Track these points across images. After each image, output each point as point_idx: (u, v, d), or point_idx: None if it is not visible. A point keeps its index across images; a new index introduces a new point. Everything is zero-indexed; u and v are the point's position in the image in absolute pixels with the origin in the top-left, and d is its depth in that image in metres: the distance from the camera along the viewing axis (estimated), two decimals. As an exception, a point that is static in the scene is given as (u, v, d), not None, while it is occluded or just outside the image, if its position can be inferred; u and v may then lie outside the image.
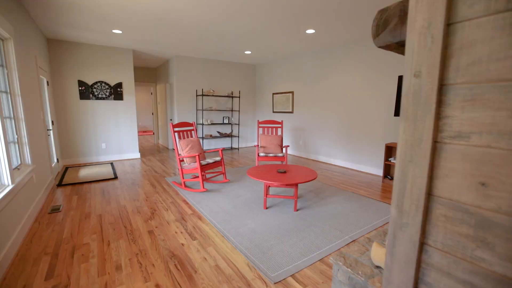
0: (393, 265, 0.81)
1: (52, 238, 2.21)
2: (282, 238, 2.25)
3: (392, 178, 3.97)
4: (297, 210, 2.87)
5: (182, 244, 2.14)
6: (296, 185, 2.76)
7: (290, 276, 1.76)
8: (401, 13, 0.87)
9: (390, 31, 0.92)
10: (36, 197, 2.85)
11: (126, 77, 5.49)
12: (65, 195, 3.33)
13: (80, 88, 5.05)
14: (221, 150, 3.88)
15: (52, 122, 4.43)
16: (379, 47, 0.98)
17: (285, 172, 3.04)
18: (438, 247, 0.70)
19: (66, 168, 4.73)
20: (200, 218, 2.67)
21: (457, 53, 0.63)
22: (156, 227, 2.44)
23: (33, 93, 3.19)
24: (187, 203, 3.07)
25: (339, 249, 2.10)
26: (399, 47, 0.99)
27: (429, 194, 0.71)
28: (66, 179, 4.04)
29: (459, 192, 0.64)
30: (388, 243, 0.83)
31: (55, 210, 2.81)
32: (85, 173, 4.41)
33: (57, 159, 4.53)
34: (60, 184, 3.75)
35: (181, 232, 2.35)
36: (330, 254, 2.02)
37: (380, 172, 4.42)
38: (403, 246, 0.77)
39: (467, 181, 0.63)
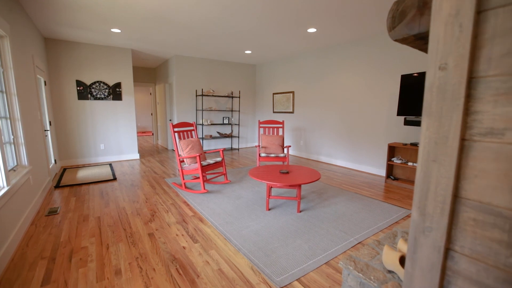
0: (415, 272, 0.75)
1: (49, 242, 2.15)
2: (286, 241, 2.20)
3: (395, 179, 3.93)
4: (300, 212, 2.81)
5: (184, 247, 2.08)
6: (299, 186, 2.71)
7: (296, 280, 1.71)
8: (420, 3, 0.82)
9: (407, 23, 0.87)
10: (33, 199, 2.78)
11: (125, 77, 5.42)
12: (63, 196, 3.26)
13: (78, 88, 4.98)
14: (222, 151, 3.83)
15: (50, 122, 4.36)
16: (395, 40, 0.93)
17: (287, 172, 2.99)
18: (465, 253, 0.65)
19: (64, 169, 4.65)
20: (201, 220, 2.61)
21: (489, 42, 0.58)
22: (156, 230, 2.38)
23: (29, 93, 3.12)
24: (187, 205, 3.01)
25: (345, 251, 2.05)
26: (416, 40, 0.94)
27: (456, 196, 0.66)
28: (64, 180, 3.97)
29: (490, 194, 0.59)
30: (409, 248, 0.78)
31: (53, 212, 2.74)
32: (83, 174, 4.34)
33: (55, 160, 4.46)
34: (57, 186, 3.68)
35: (182, 235, 2.29)
36: (336, 256, 1.97)
37: (382, 172, 4.38)
38: (426, 252, 0.72)
39: (500, 182, 0.58)
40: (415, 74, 3.56)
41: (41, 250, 2.02)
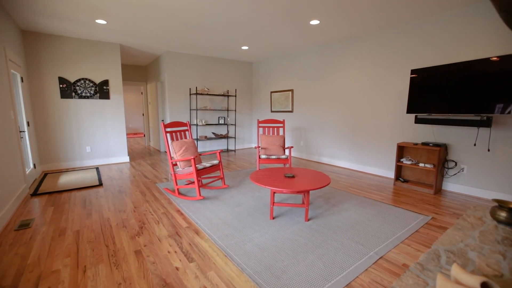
0: None
1: (13, 264, 1.78)
2: (296, 257, 1.89)
3: (404, 181, 3.67)
4: (308, 220, 2.52)
5: (177, 268, 1.75)
6: (307, 192, 2.41)
7: (314, 310, 1.40)
8: None
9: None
10: (1, 210, 2.40)
11: (113, 74, 5.05)
12: (40, 206, 2.88)
13: (61, 85, 4.58)
14: (219, 153, 3.51)
15: (28, 123, 3.96)
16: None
17: (293, 176, 2.69)
18: None
19: (45, 175, 4.25)
20: (197, 232, 2.28)
21: None
22: (144, 246, 2.04)
23: (-1, 89, 2.74)
24: (181, 214, 2.68)
25: (366, 269, 1.76)
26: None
27: None
28: (43, 187, 3.58)
29: None
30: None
31: (24, 226, 2.37)
32: (66, 179, 3.95)
33: (34, 165, 4.05)
34: (35, 193, 3.29)
35: (175, 252, 1.96)
36: (357, 276, 1.67)
37: (389, 174, 4.13)
38: None
39: None
40: (413, 77, 3.32)
41: (1, 276, 1.66)
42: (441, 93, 3.20)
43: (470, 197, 3.21)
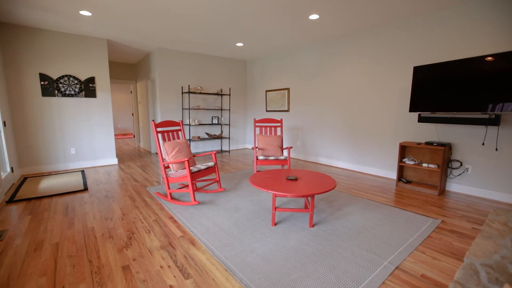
0: None
1: (-23, 287, 1.53)
2: (305, 269, 1.71)
3: (407, 182, 3.56)
4: (313, 226, 2.34)
5: (171, 287, 1.54)
6: (312, 196, 2.23)
7: (332, 335, 1.22)
8: None
9: None
10: (-32, 221, 2.12)
11: (99, 71, 4.74)
12: (16, 214, 2.59)
13: (43, 83, 4.26)
14: (215, 154, 3.29)
15: (4, 122, 3.63)
16: None
17: (296, 179, 2.51)
18: None
19: (25, 179, 3.92)
20: (192, 242, 2.07)
21: None
22: (134, 260, 1.81)
23: (-33, 84, 2.44)
24: (175, 221, 2.45)
25: (383, 281, 1.59)
26: None
27: None
28: (21, 193, 3.27)
29: None
30: None
31: (-5, 238, 2.09)
32: (47, 184, 3.64)
33: (11, 168, 3.72)
34: (11, 200, 2.98)
35: (169, 266, 1.74)
36: (374, 291, 1.51)
37: (390, 174, 4.01)
38: None
39: None
40: (416, 74, 3.21)
41: (-40, 303, 1.41)
42: (445, 90, 3.09)
43: (475, 198, 3.12)
